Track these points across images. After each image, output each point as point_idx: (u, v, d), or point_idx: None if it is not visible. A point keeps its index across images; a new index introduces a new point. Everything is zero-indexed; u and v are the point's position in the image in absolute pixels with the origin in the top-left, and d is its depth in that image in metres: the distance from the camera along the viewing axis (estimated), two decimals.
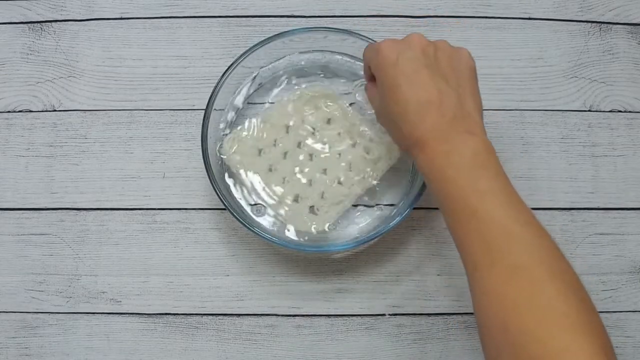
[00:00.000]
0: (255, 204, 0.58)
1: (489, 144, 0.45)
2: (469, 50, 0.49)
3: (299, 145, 0.58)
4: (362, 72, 0.60)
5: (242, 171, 0.57)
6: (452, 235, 0.44)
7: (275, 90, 0.61)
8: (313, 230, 0.56)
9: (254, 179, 0.57)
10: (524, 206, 0.43)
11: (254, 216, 0.57)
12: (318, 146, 0.58)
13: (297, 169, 0.58)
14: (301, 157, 0.58)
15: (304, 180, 0.57)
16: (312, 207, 0.57)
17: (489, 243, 0.41)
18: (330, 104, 0.59)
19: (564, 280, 0.40)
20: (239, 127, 0.59)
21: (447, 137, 0.44)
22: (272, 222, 0.57)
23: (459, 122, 0.45)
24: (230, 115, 0.60)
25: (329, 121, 0.59)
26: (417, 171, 0.58)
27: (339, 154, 0.58)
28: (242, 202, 0.58)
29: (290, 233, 0.57)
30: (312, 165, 0.58)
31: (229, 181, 0.58)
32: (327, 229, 0.57)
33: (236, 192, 0.58)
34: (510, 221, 0.41)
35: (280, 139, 0.58)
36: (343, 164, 0.58)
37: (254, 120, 0.59)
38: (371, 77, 0.51)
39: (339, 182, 0.57)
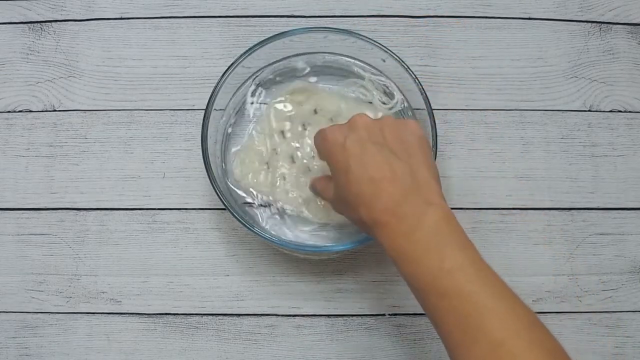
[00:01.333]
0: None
1: (448, 212, 0.44)
2: (416, 121, 0.49)
3: (299, 145, 0.58)
4: (356, 70, 0.61)
5: (260, 191, 0.57)
6: (425, 313, 0.43)
7: (276, 90, 0.61)
8: (343, 222, 0.56)
9: (273, 193, 0.57)
10: (494, 276, 0.42)
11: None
12: None
13: (307, 167, 0.58)
14: (306, 155, 0.58)
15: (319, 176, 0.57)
16: None
17: (464, 321, 0.40)
18: (310, 95, 0.59)
19: (543, 349, 0.40)
20: (240, 150, 0.59)
21: (405, 213, 0.43)
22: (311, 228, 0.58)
23: (415, 193, 0.44)
24: (231, 115, 0.60)
25: (315, 111, 0.59)
26: None
27: None
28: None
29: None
30: (319, 161, 0.58)
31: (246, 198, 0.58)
32: None
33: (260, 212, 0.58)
34: (482, 296, 0.40)
35: (279, 145, 0.58)
36: None
37: (251, 137, 0.59)
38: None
39: None
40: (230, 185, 0.58)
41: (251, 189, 0.58)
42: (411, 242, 0.42)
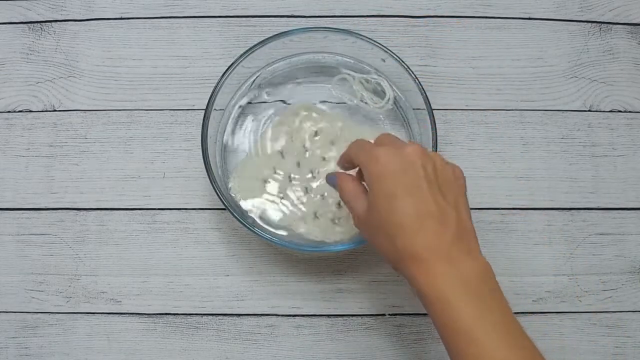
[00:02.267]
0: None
1: (490, 268, 0.44)
2: (460, 167, 0.48)
3: (298, 165, 0.58)
4: (345, 71, 0.61)
5: (256, 206, 0.58)
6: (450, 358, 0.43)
7: (275, 90, 0.61)
8: (345, 238, 0.57)
9: (269, 210, 0.58)
10: (528, 342, 0.42)
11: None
12: (316, 160, 0.58)
13: (305, 188, 0.58)
14: (304, 177, 0.58)
15: (316, 197, 0.58)
16: (332, 219, 0.57)
17: None
18: (310, 116, 0.60)
19: None
20: (238, 167, 0.59)
21: (448, 257, 0.43)
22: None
23: (459, 241, 0.44)
24: (231, 115, 0.61)
25: (316, 133, 0.59)
26: None
27: None
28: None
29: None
30: (317, 182, 0.58)
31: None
32: (352, 238, 0.57)
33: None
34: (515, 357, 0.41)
35: (279, 165, 0.58)
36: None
37: (249, 154, 0.59)
38: (347, 169, 0.50)
39: None
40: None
41: (247, 205, 0.58)
42: (451, 287, 0.42)
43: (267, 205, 0.58)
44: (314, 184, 0.58)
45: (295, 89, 0.62)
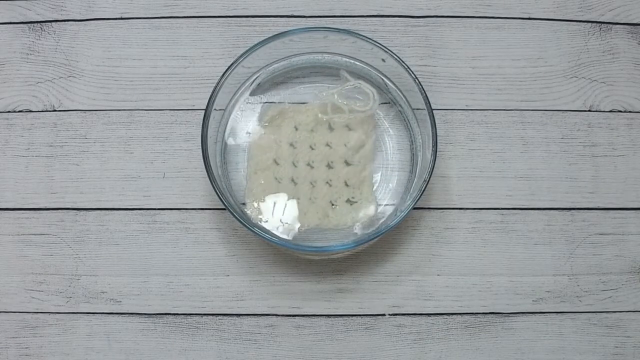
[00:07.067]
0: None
1: None
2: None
3: (294, 164, 0.58)
4: (326, 93, 0.60)
5: (281, 223, 0.58)
6: None
7: (275, 91, 0.61)
8: (368, 215, 0.57)
9: (293, 221, 0.57)
10: None
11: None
12: (306, 152, 0.58)
13: (311, 184, 0.58)
14: (305, 173, 0.58)
15: (324, 187, 0.58)
16: (347, 200, 0.57)
17: None
18: (285, 115, 0.60)
19: None
20: (246, 194, 0.58)
21: None
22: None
23: None
24: (231, 115, 0.61)
25: (295, 128, 0.59)
26: (416, 171, 0.58)
27: (327, 144, 0.59)
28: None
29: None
30: (317, 171, 0.58)
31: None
32: (376, 206, 0.57)
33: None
34: None
35: (278, 172, 0.58)
36: (338, 148, 0.58)
37: (249, 177, 0.59)
38: None
39: (348, 164, 0.58)
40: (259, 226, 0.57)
41: (271, 225, 0.58)
42: None
43: (289, 216, 0.57)
44: (316, 175, 0.58)
45: (296, 89, 0.62)
